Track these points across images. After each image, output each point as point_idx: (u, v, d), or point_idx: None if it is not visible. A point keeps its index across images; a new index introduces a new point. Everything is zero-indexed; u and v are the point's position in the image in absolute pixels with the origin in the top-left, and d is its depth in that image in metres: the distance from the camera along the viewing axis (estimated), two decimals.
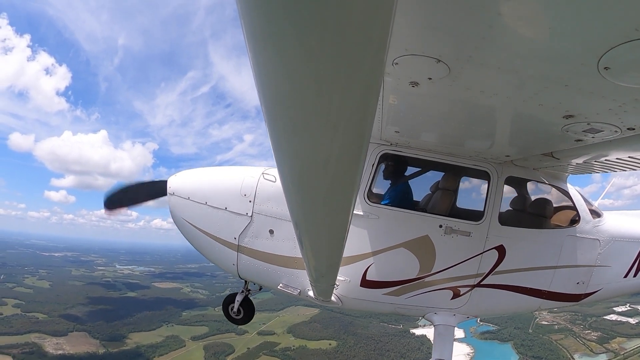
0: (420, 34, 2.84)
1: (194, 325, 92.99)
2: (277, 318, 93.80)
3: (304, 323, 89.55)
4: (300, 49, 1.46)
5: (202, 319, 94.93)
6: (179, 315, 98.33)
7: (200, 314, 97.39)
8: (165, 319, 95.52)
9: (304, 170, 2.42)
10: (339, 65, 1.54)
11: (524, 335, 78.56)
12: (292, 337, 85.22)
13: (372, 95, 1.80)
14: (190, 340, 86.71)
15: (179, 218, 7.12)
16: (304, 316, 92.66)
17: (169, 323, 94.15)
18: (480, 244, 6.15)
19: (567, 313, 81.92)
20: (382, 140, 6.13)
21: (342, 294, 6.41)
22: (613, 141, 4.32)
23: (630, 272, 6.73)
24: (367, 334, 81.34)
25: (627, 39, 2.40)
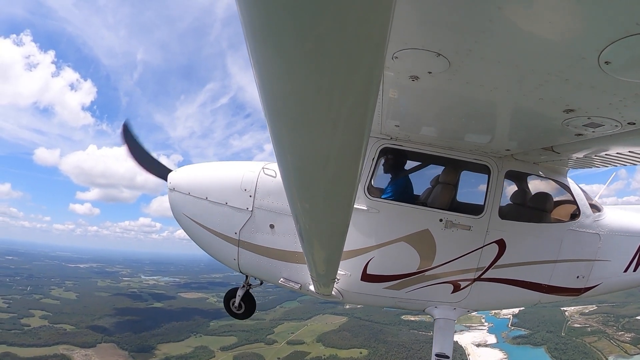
0: (421, 28, 2.84)
1: (223, 335, 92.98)
2: (306, 327, 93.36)
3: (333, 332, 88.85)
4: (300, 44, 1.46)
5: (230, 329, 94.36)
6: (207, 326, 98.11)
7: (228, 323, 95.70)
8: (193, 329, 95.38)
9: (304, 165, 2.43)
10: (339, 60, 1.54)
11: (556, 339, 77.94)
12: (322, 346, 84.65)
13: (372, 89, 1.80)
14: (219, 351, 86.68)
15: (179, 213, 7.12)
16: (332, 324, 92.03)
17: (197, 333, 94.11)
18: (480, 238, 6.16)
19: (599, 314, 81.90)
20: (383, 134, 6.13)
21: (343, 288, 6.43)
22: (613, 136, 4.32)
23: (630, 267, 6.74)
24: (398, 342, 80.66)
25: (627, 33, 2.40)
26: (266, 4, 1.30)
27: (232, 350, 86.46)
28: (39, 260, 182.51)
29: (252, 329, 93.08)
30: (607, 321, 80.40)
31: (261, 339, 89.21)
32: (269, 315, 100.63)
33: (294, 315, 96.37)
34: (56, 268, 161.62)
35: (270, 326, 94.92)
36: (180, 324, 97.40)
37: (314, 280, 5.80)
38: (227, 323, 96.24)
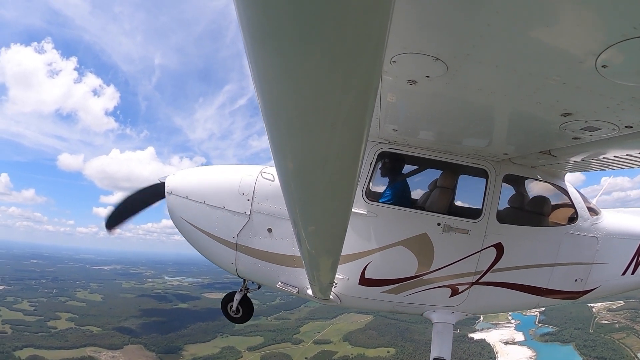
0: (418, 32, 2.84)
1: (249, 335, 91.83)
2: (332, 326, 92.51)
3: (359, 330, 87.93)
4: (298, 48, 1.46)
5: (256, 329, 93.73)
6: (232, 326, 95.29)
7: (254, 324, 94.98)
8: (219, 329, 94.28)
9: (302, 169, 2.42)
10: (337, 64, 1.54)
11: (585, 336, 76.88)
12: (349, 346, 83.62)
13: (371, 93, 1.80)
14: (246, 351, 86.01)
15: (177, 217, 7.10)
16: (358, 323, 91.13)
17: (223, 334, 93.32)
18: (478, 242, 6.16)
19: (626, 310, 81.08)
20: (380, 138, 6.13)
21: (341, 292, 6.41)
22: (611, 139, 4.33)
23: (628, 270, 6.75)
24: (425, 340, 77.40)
25: (625, 37, 2.40)
26: (264, 7, 1.30)
27: (259, 350, 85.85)
28: (63, 263, 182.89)
29: (278, 329, 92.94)
30: (635, 317, 79.43)
31: (287, 338, 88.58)
32: (294, 315, 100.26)
33: (319, 314, 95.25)
34: (81, 270, 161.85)
35: (296, 326, 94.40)
36: (206, 324, 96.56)
37: (312, 285, 5.78)
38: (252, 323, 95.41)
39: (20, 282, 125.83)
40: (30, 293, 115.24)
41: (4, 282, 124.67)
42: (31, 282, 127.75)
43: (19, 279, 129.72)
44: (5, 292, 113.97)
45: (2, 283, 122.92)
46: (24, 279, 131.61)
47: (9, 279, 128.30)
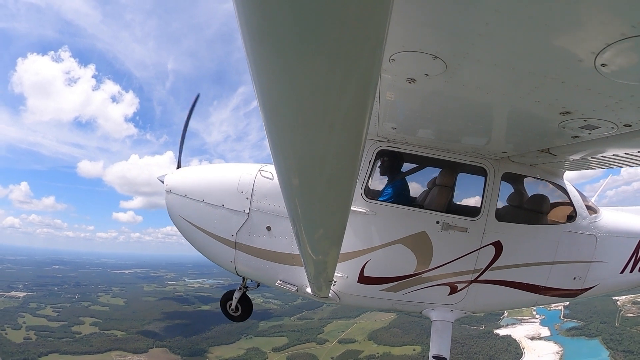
0: (417, 31, 2.84)
1: (273, 336, 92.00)
2: (355, 325, 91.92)
3: (383, 329, 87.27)
4: (297, 46, 1.45)
5: (280, 329, 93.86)
6: (256, 327, 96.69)
7: (277, 324, 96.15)
8: (242, 331, 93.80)
9: (301, 167, 2.42)
10: (336, 62, 1.53)
11: (611, 330, 76.05)
12: (374, 344, 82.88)
13: (369, 91, 1.79)
14: (272, 352, 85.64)
15: (176, 216, 7.10)
16: (382, 322, 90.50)
17: (247, 335, 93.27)
18: (477, 240, 6.17)
19: None
20: (379, 136, 6.13)
21: (340, 291, 6.42)
22: (609, 137, 4.34)
23: (626, 268, 6.77)
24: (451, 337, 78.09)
25: (624, 36, 2.40)
26: (263, 5, 1.29)
27: (285, 351, 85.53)
28: (84, 268, 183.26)
29: (302, 329, 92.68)
30: None
31: (312, 338, 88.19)
32: (317, 315, 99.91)
33: (342, 313, 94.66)
34: (102, 275, 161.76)
35: (320, 325, 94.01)
36: (229, 326, 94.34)
37: (311, 283, 5.79)
38: (276, 324, 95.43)
39: (42, 288, 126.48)
40: (53, 299, 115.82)
41: (26, 288, 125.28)
42: (54, 288, 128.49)
43: (41, 285, 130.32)
44: (29, 298, 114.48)
45: (25, 289, 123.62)
46: (46, 284, 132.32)
47: (32, 285, 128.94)
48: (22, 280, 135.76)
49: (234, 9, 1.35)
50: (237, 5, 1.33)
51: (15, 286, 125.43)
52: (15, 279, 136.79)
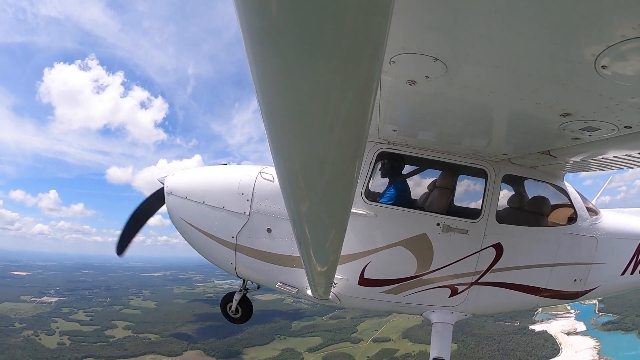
0: (418, 33, 2.84)
1: (307, 336, 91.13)
2: (389, 323, 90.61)
3: (417, 327, 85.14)
4: (297, 48, 1.45)
5: (313, 329, 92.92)
6: (289, 327, 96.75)
7: (310, 324, 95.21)
8: (276, 331, 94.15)
9: (301, 169, 2.42)
10: (337, 64, 1.53)
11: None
12: (409, 343, 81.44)
13: (370, 93, 1.80)
14: (307, 352, 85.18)
15: (176, 217, 7.09)
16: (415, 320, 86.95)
17: (281, 335, 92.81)
18: (477, 242, 6.16)
19: None
20: (380, 138, 6.13)
21: (340, 293, 6.41)
22: (610, 139, 4.34)
23: (627, 270, 6.76)
24: (486, 334, 78.06)
25: (624, 37, 2.40)
26: (264, 7, 1.30)
27: (320, 351, 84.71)
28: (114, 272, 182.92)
29: (335, 328, 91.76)
30: None
31: (346, 338, 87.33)
32: (349, 313, 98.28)
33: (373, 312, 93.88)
34: (131, 278, 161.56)
35: (353, 324, 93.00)
36: (262, 326, 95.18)
37: (311, 285, 5.78)
38: (309, 324, 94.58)
39: (74, 293, 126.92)
40: (84, 303, 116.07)
41: (58, 293, 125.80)
42: (85, 292, 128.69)
43: (72, 290, 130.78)
44: (61, 303, 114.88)
45: (56, 294, 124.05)
46: (77, 289, 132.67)
47: (63, 290, 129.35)
48: (53, 285, 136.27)
49: (235, 10, 1.36)
50: (237, 7, 1.34)
51: (47, 291, 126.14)
52: (46, 284, 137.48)
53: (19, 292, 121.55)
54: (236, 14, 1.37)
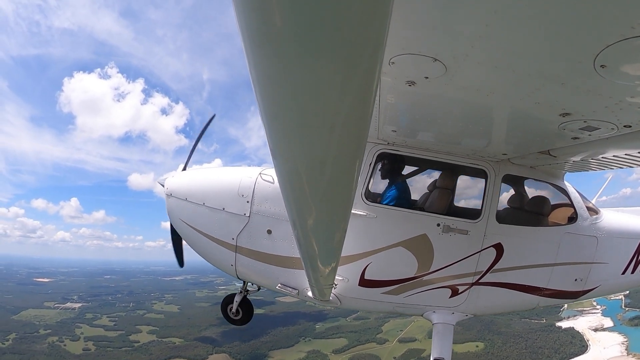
0: (417, 33, 2.84)
1: (332, 338, 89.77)
2: (413, 323, 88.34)
3: None
4: (297, 49, 1.45)
5: (338, 330, 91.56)
6: (313, 329, 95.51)
7: (334, 325, 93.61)
8: (300, 333, 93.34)
9: (301, 170, 2.41)
10: (336, 65, 1.53)
11: None
12: None
13: (369, 94, 1.79)
14: (333, 354, 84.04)
15: (176, 219, 7.09)
16: None
17: (305, 337, 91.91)
18: (478, 242, 6.16)
19: None
20: (379, 139, 6.13)
21: (341, 294, 6.41)
22: (610, 138, 4.34)
23: (628, 269, 6.76)
24: (512, 332, 77.26)
25: (623, 37, 2.40)
26: (263, 9, 1.29)
27: (346, 353, 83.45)
28: (135, 277, 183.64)
29: (360, 329, 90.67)
30: None
31: (371, 338, 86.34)
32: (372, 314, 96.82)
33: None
34: (153, 282, 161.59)
35: (377, 325, 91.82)
36: (286, 329, 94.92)
37: (312, 286, 5.77)
38: (333, 325, 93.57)
39: (97, 298, 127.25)
40: (108, 308, 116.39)
41: (81, 299, 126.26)
42: (108, 298, 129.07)
43: (95, 295, 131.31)
44: (84, 309, 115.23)
45: (79, 300, 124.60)
46: (100, 294, 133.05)
47: (86, 296, 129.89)
48: (76, 291, 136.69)
49: (234, 11, 1.35)
50: (236, 8, 1.34)
51: (70, 297, 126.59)
52: (69, 290, 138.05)
53: (42, 299, 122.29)
54: (236, 15, 1.37)
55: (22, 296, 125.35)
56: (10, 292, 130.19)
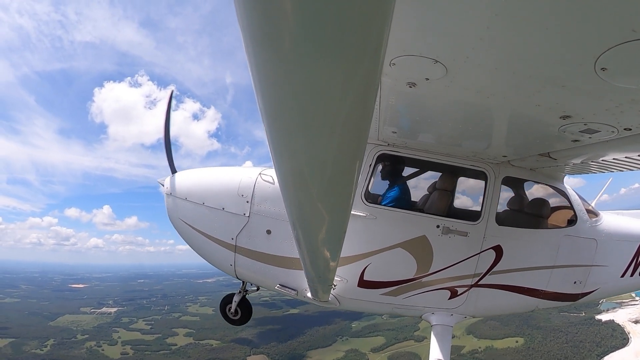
0: (418, 35, 2.84)
1: (369, 336, 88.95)
2: None
3: (480, 322, 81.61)
4: (298, 50, 1.45)
5: (375, 329, 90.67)
6: (350, 328, 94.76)
7: (371, 324, 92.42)
8: (337, 332, 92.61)
9: (301, 171, 2.41)
10: (337, 66, 1.53)
11: None
12: (474, 339, 78.67)
13: (370, 95, 1.79)
14: (372, 353, 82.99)
15: (175, 219, 7.08)
16: None
17: (342, 336, 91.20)
18: (477, 244, 6.16)
19: None
20: (380, 140, 6.13)
21: (340, 294, 6.40)
22: (610, 141, 4.34)
23: (627, 272, 6.76)
24: (552, 327, 75.76)
25: (624, 39, 2.40)
26: (264, 10, 1.30)
27: (384, 351, 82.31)
28: (168, 280, 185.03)
29: (397, 327, 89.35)
30: None
31: (409, 336, 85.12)
32: None
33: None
34: (186, 285, 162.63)
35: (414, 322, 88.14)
36: (323, 328, 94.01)
37: (311, 287, 5.77)
38: (369, 323, 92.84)
39: (132, 302, 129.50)
40: (143, 312, 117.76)
41: (116, 303, 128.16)
42: (142, 302, 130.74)
43: (130, 300, 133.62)
44: (120, 313, 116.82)
45: (115, 305, 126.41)
46: (134, 298, 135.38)
47: (121, 300, 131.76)
48: (111, 296, 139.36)
49: (236, 11, 1.36)
50: (238, 8, 1.34)
51: (106, 302, 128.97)
52: (104, 295, 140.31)
53: (78, 304, 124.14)
54: (237, 15, 1.37)
55: (58, 302, 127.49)
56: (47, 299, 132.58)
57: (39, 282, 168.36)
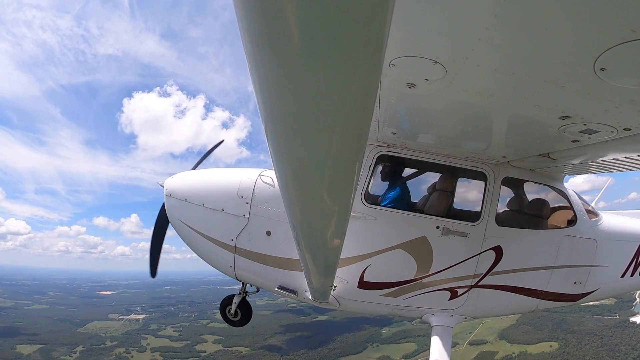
0: (417, 36, 2.84)
1: (400, 342, 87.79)
2: (482, 324, 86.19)
3: (512, 326, 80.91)
4: (297, 51, 1.45)
5: (405, 335, 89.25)
6: (380, 334, 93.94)
7: (401, 330, 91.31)
8: (367, 339, 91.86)
9: (301, 172, 2.41)
10: (336, 67, 1.53)
11: None
12: (507, 344, 77.83)
13: (370, 96, 1.79)
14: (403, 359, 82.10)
15: (175, 220, 7.07)
16: (509, 319, 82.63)
17: (373, 343, 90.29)
18: (477, 245, 6.15)
19: None
20: (379, 141, 6.13)
21: (340, 296, 6.40)
22: (609, 142, 4.34)
23: (627, 272, 6.76)
24: (586, 330, 74.40)
25: (623, 40, 2.41)
26: (264, 10, 1.29)
27: (416, 357, 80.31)
28: (195, 287, 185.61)
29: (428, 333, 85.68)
30: None
31: None
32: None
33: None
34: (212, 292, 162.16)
35: None
36: (352, 335, 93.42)
37: (311, 288, 5.76)
38: (399, 329, 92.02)
39: (160, 309, 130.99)
40: (171, 319, 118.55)
41: (144, 310, 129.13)
42: (170, 308, 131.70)
43: (157, 306, 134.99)
44: (148, 320, 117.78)
45: (143, 311, 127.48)
46: (162, 305, 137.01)
47: (149, 307, 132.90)
48: (139, 302, 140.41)
49: (235, 12, 1.35)
50: (237, 9, 1.34)
51: (134, 309, 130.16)
52: (132, 302, 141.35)
53: (106, 311, 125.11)
54: (236, 16, 1.37)
55: (87, 309, 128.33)
56: (75, 306, 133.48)
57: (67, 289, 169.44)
